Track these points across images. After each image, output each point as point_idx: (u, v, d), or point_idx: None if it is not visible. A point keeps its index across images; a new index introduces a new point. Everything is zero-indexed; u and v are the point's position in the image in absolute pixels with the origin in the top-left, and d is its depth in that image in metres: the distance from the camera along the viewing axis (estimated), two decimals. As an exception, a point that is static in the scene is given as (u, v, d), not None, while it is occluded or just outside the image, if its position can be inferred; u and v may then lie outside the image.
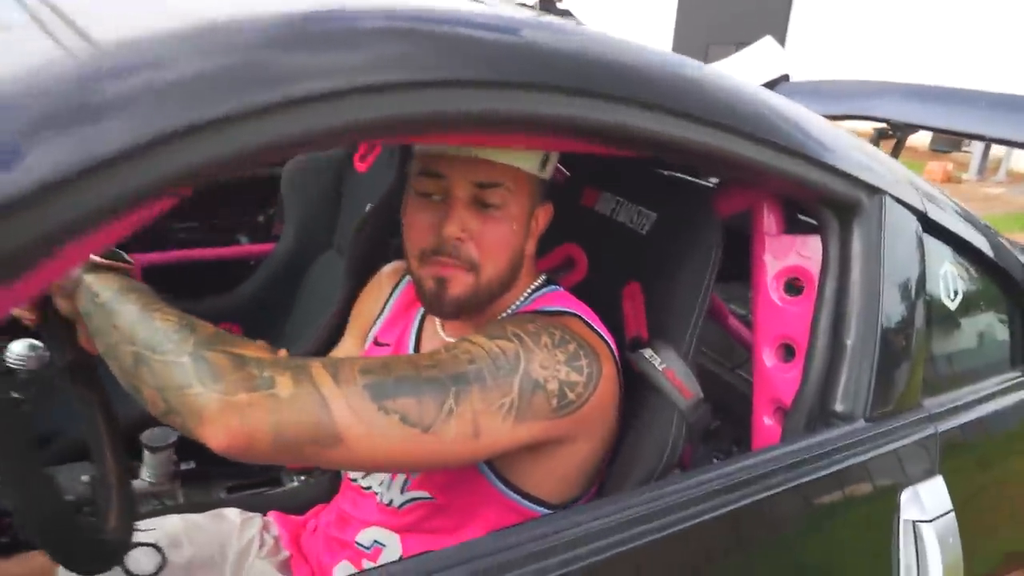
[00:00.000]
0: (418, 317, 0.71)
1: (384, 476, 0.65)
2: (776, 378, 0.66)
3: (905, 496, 0.64)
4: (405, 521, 0.63)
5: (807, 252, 0.65)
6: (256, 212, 1.63)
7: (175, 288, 1.56)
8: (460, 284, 0.58)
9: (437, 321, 0.68)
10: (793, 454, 0.58)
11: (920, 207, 0.69)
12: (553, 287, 0.66)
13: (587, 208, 0.77)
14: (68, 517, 0.43)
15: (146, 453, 0.89)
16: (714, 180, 0.76)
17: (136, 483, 0.89)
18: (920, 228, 0.69)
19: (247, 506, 0.78)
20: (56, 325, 0.53)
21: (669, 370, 0.62)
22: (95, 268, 0.49)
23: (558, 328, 0.56)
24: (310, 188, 1.36)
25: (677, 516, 0.50)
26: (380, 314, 0.74)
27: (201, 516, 0.74)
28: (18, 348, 0.50)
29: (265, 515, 0.77)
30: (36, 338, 0.52)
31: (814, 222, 0.66)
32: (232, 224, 1.59)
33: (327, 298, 1.13)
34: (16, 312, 0.53)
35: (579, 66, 0.46)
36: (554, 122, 0.44)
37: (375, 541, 0.65)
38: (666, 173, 0.77)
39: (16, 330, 0.58)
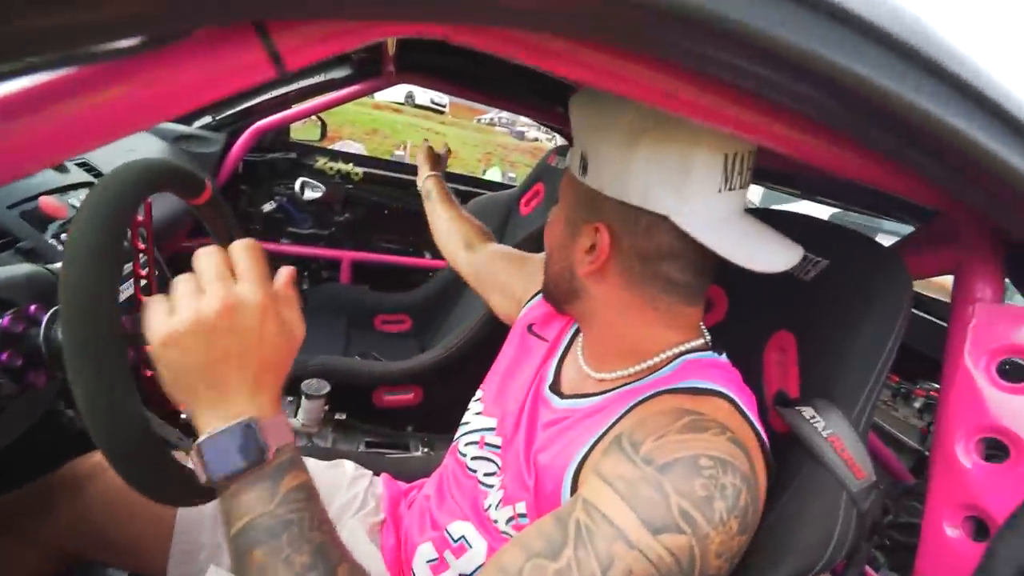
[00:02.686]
0: (571, 330, 0.69)
1: (495, 480, 0.63)
2: (976, 477, 0.53)
3: None
4: (500, 537, 0.59)
5: None
6: (440, 236, 2.10)
7: (372, 278, 2.10)
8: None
9: (579, 347, 0.65)
10: None
11: None
12: (712, 355, 0.57)
13: (739, 250, 0.73)
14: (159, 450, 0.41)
15: (303, 399, 1.07)
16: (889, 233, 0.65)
17: (291, 422, 1.07)
18: None
19: (366, 462, 0.85)
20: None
21: (836, 438, 0.52)
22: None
23: (725, 464, 0.45)
24: (483, 223, 1.65)
25: None
26: (535, 296, 0.75)
27: (323, 463, 0.80)
28: None
29: (378, 474, 0.82)
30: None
31: None
32: (420, 243, 2.12)
33: (480, 307, 1.37)
34: None
35: None
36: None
37: (464, 537, 0.62)
38: (835, 223, 0.70)
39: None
